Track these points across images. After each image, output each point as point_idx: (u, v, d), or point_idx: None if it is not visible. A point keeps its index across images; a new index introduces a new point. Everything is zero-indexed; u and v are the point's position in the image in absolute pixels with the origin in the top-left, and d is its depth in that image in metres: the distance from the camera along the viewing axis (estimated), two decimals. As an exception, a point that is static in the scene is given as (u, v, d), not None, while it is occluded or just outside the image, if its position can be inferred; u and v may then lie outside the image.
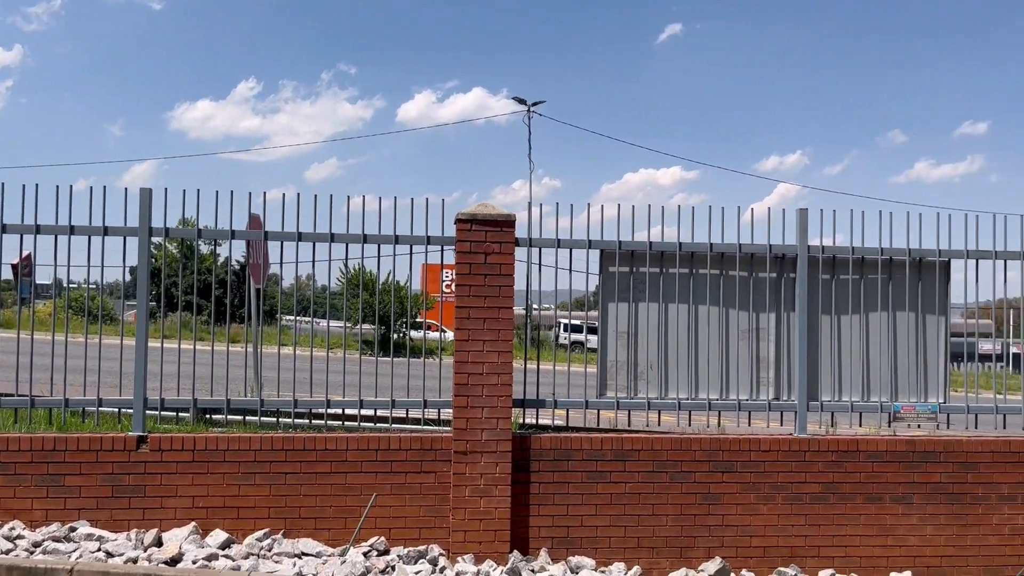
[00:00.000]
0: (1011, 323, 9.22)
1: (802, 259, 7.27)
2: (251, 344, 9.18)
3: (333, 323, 23.18)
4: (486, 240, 6.75)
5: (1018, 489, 7.10)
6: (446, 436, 6.76)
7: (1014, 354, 7.90)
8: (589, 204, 7.49)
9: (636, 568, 6.64)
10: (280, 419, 7.92)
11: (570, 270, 7.17)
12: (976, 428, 7.47)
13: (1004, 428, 7.55)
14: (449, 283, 7.86)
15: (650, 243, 7.24)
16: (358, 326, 8.24)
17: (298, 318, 8.16)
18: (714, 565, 6.67)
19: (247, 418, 8.53)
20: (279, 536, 6.47)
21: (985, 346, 9.42)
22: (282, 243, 7.05)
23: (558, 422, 8.19)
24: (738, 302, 7.34)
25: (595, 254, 7.31)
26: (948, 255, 7.44)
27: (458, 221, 6.80)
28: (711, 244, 7.27)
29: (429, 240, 7.04)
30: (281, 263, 7.12)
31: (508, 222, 6.79)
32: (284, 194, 7.05)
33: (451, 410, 6.76)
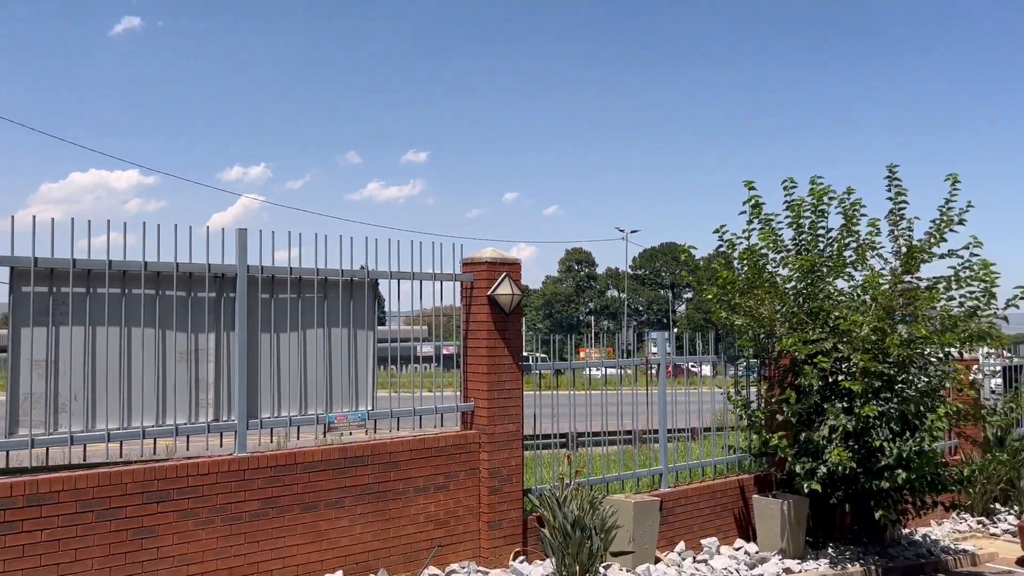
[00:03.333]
0: (443, 329, 10.54)
1: (241, 278, 7.32)
2: None
3: None
4: None
5: (431, 481, 8.15)
6: None
7: (445, 355, 9.06)
8: (-4, 214, 6.50)
9: (53, 625, 5.95)
10: None
11: (-32, 291, 6.13)
12: (418, 428, 8.38)
13: (420, 427, 8.59)
14: None
15: (73, 260, 6.57)
16: None
17: None
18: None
19: None
20: None
21: (426, 349, 10.65)
22: None
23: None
24: (176, 323, 7.08)
25: (4, 271, 6.37)
26: (375, 275, 8.21)
27: None
28: (145, 262, 6.89)
29: None
30: None
31: None
32: None
33: None
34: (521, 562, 8.47)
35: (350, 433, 7.96)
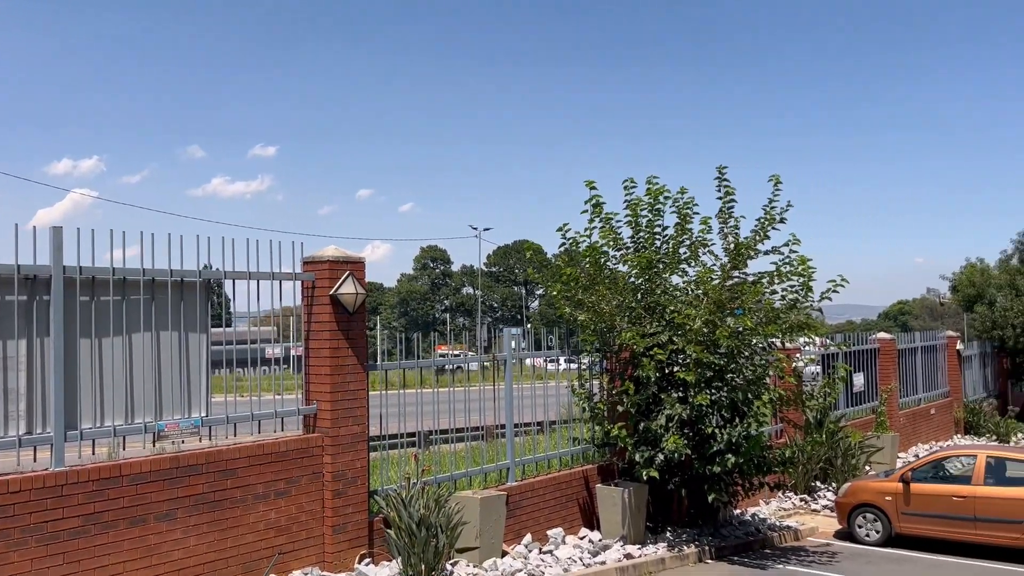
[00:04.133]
0: (293, 329, 10.19)
1: (56, 280, 6.81)
2: None
3: None
4: None
5: (271, 487, 7.90)
6: None
7: (296, 356, 8.77)
8: None
9: None
10: None
11: None
12: (260, 433, 8.06)
13: (259, 432, 8.30)
14: None
15: None
16: None
17: None
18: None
19: None
20: None
21: (275, 351, 10.24)
22: None
23: None
24: (-19, 329, 6.50)
25: None
26: (209, 275, 7.86)
27: None
28: (-58, 264, 6.28)
29: None
30: None
31: None
32: None
33: None
34: (367, 564, 8.36)
35: (182, 442, 7.58)
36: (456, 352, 15.45)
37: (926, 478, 11.74)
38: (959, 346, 22.93)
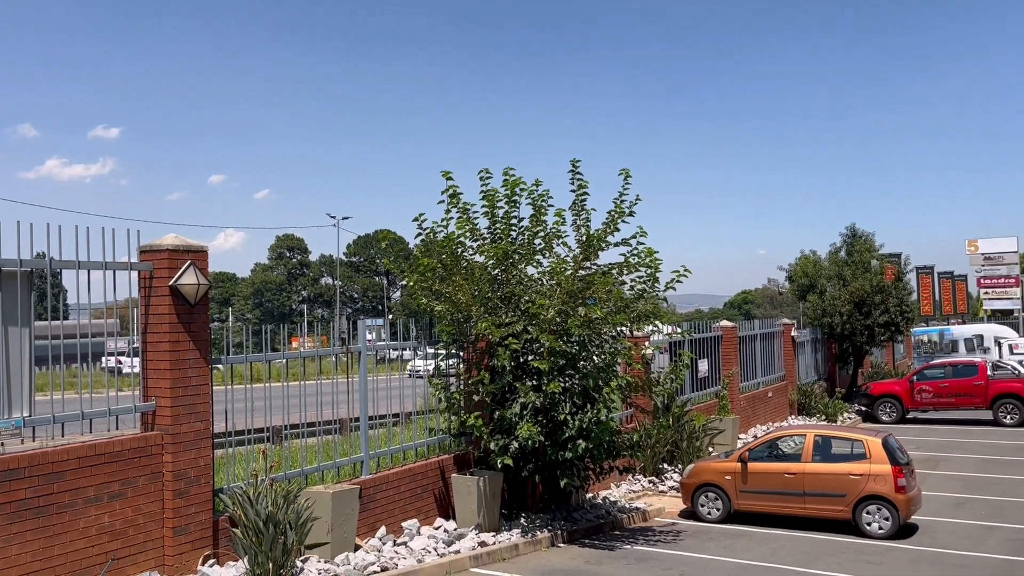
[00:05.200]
0: (135, 322, 9.60)
1: None
2: None
3: None
4: None
5: (104, 490, 7.44)
6: None
7: (135, 348, 8.27)
8: None
9: None
10: None
11: None
12: (94, 433, 7.53)
13: (91, 432, 7.79)
14: None
15: None
16: None
17: None
18: None
19: None
20: None
21: (115, 345, 9.59)
22: None
23: None
24: None
25: None
26: (31, 264, 7.28)
27: None
28: None
29: None
30: None
31: None
32: None
33: None
34: (211, 566, 8.04)
35: (1, 444, 7.01)
36: (312, 344, 15.09)
37: (762, 457, 12.49)
38: (794, 333, 24.54)
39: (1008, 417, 21.88)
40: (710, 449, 16.08)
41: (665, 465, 15.38)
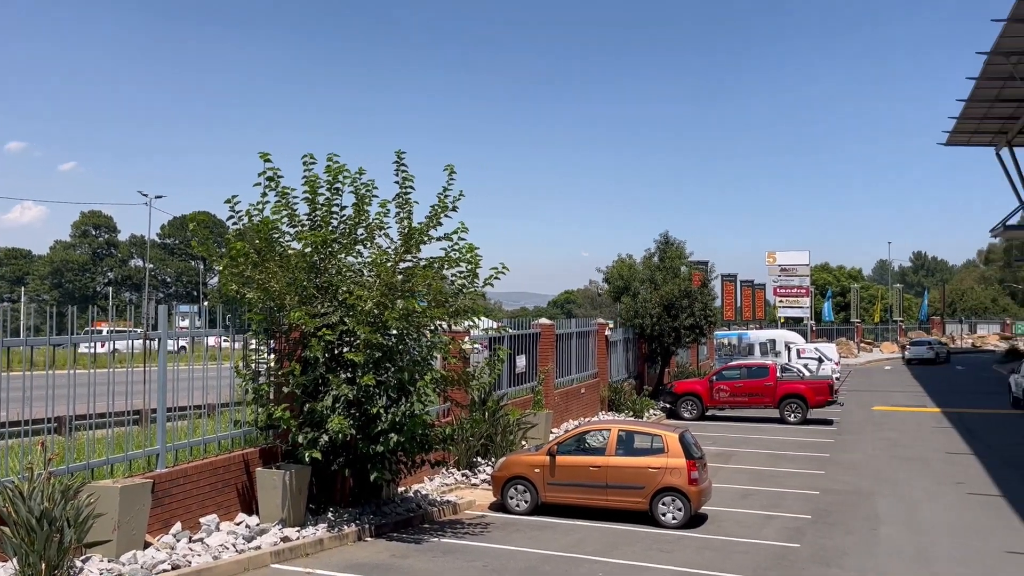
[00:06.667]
0: None
1: None
2: None
3: None
4: None
5: None
6: None
7: None
8: None
9: None
10: None
11: None
12: None
13: None
14: None
15: None
16: None
17: None
18: None
19: None
20: None
21: None
22: None
23: None
24: None
25: None
26: None
27: None
28: None
29: None
30: None
31: None
32: None
33: None
34: (-27, 569, 7.29)
35: None
36: (121, 329, 14.01)
37: (570, 451, 12.94)
38: (608, 332, 25.63)
39: (792, 416, 23.91)
40: (523, 443, 16.46)
41: (479, 458, 15.59)
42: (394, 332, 11.29)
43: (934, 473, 16.25)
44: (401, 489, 12.93)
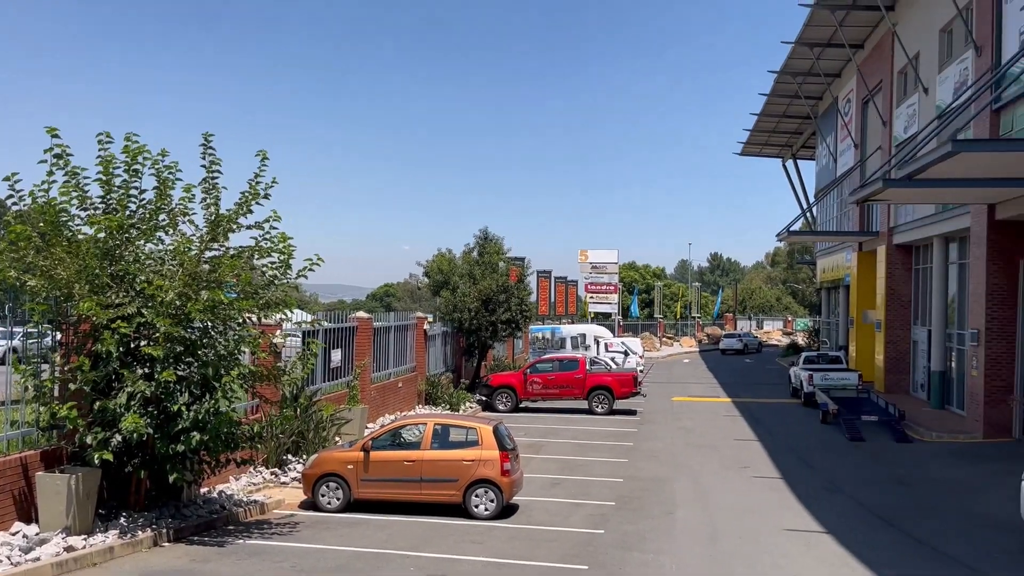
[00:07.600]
0: None
1: None
2: None
3: None
4: None
5: None
6: None
7: None
8: None
9: None
10: None
11: None
12: None
13: None
14: None
15: None
16: None
17: None
18: None
19: None
20: None
21: None
22: None
23: None
24: None
25: None
26: None
27: None
28: None
29: None
30: None
31: None
32: None
33: None
34: None
35: None
36: None
37: (384, 446, 12.80)
38: (426, 326, 25.62)
39: (600, 407, 24.98)
40: (337, 439, 16.13)
41: (290, 456, 15.10)
42: (198, 325, 10.69)
43: (724, 459, 17.55)
44: (204, 490, 12.28)
